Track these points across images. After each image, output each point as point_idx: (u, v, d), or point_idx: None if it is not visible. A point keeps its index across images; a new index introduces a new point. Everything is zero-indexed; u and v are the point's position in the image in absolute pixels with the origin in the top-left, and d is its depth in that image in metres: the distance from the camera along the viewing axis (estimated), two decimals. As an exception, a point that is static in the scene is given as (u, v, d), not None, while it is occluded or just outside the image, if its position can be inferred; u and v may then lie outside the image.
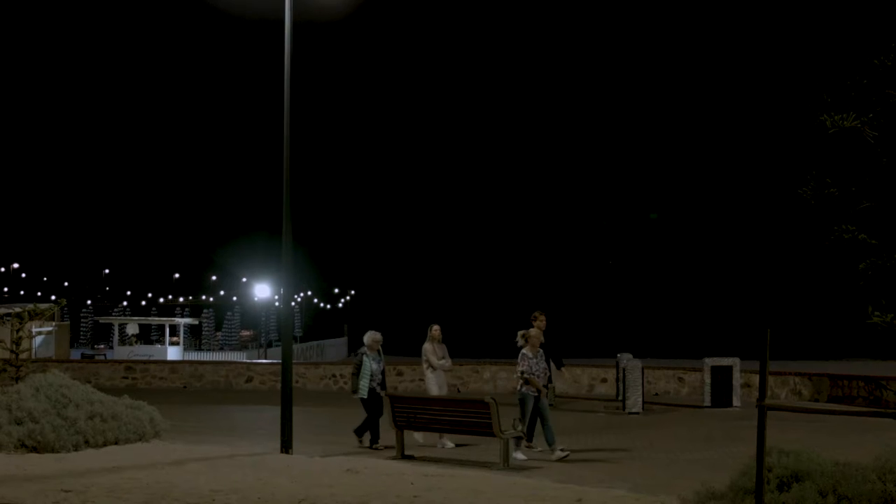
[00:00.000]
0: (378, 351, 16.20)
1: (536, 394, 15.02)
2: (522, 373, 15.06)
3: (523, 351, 15.22)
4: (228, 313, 76.29)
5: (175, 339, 52.95)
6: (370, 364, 15.92)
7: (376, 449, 15.42)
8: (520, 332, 15.60)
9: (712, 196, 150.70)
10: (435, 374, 16.43)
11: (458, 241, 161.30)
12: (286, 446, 14.84)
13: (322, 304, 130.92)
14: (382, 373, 16.17)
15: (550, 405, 22.87)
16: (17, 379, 16.31)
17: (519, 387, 15.29)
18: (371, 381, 15.85)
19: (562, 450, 14.61)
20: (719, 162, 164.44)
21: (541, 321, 16.95)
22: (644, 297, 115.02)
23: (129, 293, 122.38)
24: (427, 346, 16.55)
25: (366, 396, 15.86)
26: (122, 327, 56.51)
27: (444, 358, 16.56)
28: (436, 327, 16.63)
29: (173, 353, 49.38)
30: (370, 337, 16.18)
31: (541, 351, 15.44)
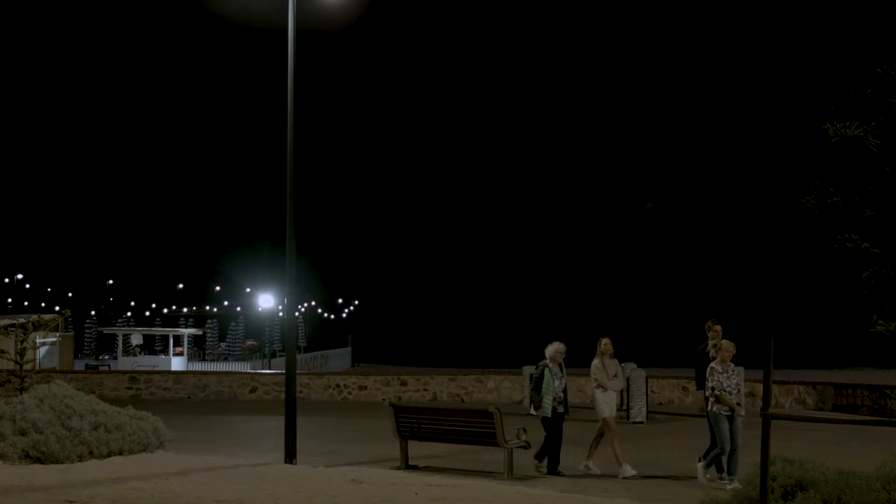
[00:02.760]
0: (560, 365, 14.48)
1: (729, 413, 13.34)
2: (712, 389, 13.27)
3: (712, 364, 13.42)
4: (232, 323, 76.07)
5: (179, 349, 52.91)
6: (552, 379, 14.22)
7: (559, 475, 13.92)
8: (710, 342, 14.00)
9: (717, 206, 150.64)
10: (606, 394, 14.44)
11: (461, 250, 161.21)
12: (290, 456, 14.84)
13: (326, 314, 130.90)
14: (565, 390, 14.47)
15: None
16: (22, 390, 16.32)
17: (709, 406, 13.46)
18: (553, 399, 14.20)
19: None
20: (722, 172, 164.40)
21: (715, 331, 14.43)
22: (647, 307, 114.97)
23: (132, 304, 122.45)
24: (596, 363, 14.59)
25: (549, 415, 14.21)
26: (126, 338, 56.52)
27: (615, 375, 14.67)
28: (605, 341, 14.69)
29: (177, 363, 49.34)
30: (553, 348, 14.41)
31: (731, 365, 13.51)
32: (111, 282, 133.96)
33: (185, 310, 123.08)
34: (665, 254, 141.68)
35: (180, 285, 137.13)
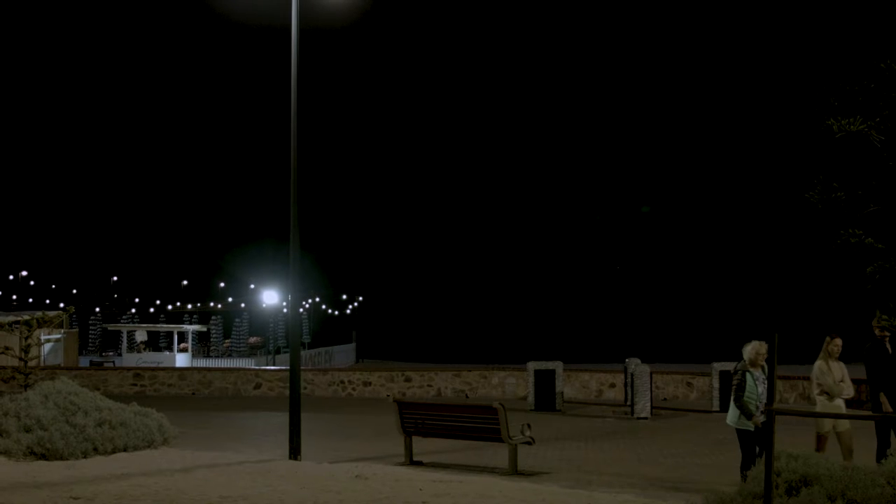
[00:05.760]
0: (762, 367, 12.03)
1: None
2: None
3: None
4: (237, 320, 76.20)
5: (183, 345, 53.00)
6: (755, 385, 11.95)
7: None
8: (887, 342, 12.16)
9: (721, 201, 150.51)
10: (832, 403, 12.35)
11: (465, 247, 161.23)
12: (295, 452, 14.86)
13: (330, 311, 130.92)
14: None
15: (558, 410, 22.90)
16: (26, 386, 16.38)
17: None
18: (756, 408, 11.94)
19: None
20: (726, 167, 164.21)
21: (878, 331, 12.39)
22: (652, 303, 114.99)
23: (137, 300, 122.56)
24: (820, 365, 12.41)
25: (752, 428, 11.92)
26: (130, 334, 56.65)
27: (841, 381, 12.33)
28: (837, 340, 12.38)
29: (182, 360, 49.40)
30: (753, 349, 12.02)
31: None
32: (115, 278, 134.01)
33: (189, 306, 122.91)
34: (667, 251, 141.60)
35: (184, 282, 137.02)
